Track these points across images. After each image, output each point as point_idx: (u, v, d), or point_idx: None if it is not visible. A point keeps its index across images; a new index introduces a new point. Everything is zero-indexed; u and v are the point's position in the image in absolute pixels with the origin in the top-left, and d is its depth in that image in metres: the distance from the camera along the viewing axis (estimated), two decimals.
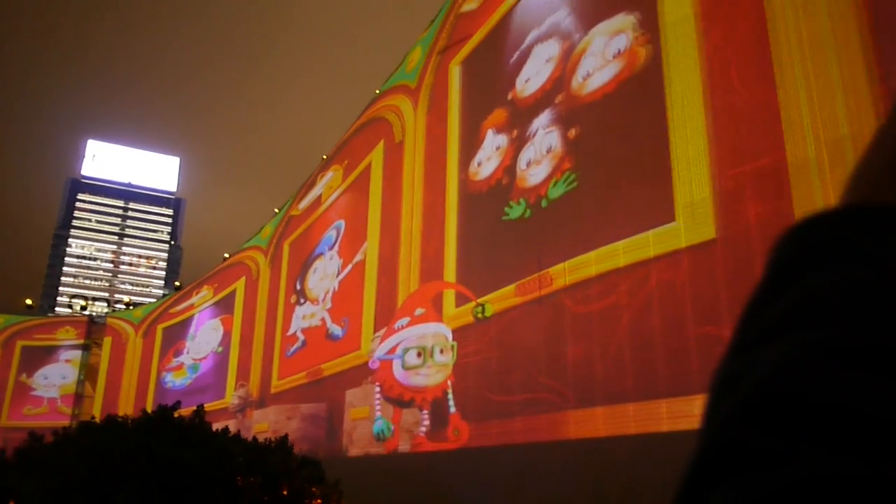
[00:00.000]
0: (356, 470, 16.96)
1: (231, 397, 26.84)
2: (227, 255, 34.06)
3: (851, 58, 8.36)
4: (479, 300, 15.67)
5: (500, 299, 14.18)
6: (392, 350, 19.00)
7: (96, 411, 37.59)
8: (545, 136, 13.62)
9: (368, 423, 18.99)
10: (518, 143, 14.38)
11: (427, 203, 17.35)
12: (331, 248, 22.65)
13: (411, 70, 19.15)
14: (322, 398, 21.33)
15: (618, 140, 11.91)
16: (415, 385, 18.02)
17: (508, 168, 14.58)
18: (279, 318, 25.00)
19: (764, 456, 0.33)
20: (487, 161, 15.41)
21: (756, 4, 9.71)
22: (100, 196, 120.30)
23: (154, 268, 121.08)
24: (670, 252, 10.29)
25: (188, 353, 34.42)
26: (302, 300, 23.74)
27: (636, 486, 11.45)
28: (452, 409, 16.63)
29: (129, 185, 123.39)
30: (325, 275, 22.67)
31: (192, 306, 35.18)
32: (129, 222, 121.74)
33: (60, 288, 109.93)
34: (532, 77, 14.49)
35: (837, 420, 0.33)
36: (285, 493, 11.05)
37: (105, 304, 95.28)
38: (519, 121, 14.54)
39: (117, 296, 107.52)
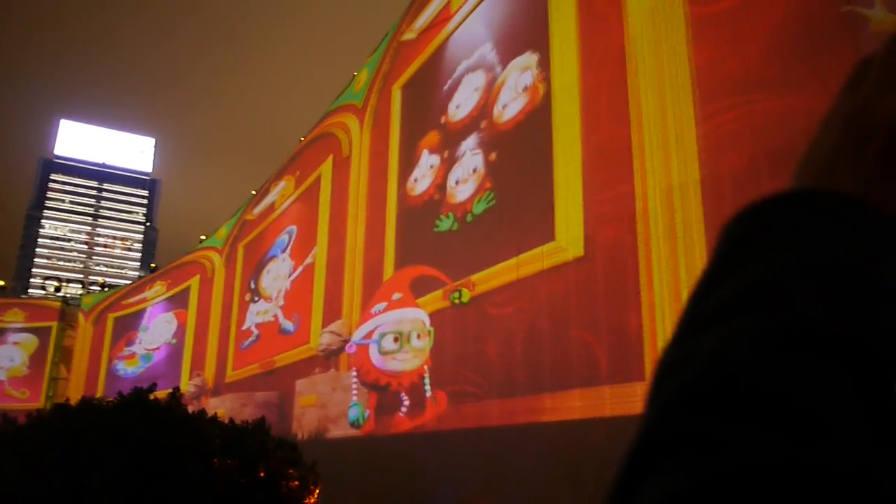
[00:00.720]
0: (333, 452, 17.04)
1: (187, 385, 27.72)
2: (203, 237, 34.00)
3: (684, 110, 10.21)
4: (456, 285, 15.84)
5: (431, 302, 16.05)
6: (369, 335, 19.04)
7: (44, 395, 37.99)
8: (471, 158, 15.32)
9: (315, 410, 19.98)
10: (448, 163, 16.05)
11: (370, 214, 19.12)
12: (283, 250, 24.56)
13: (358, 91, 20.97)
14: (274, 387, 22.90)
15: (523, 165, 13.69)
16: (391, 370, 18.09)
17: (440, 185, 16.26)
18: (234, 314, 27.07)
19: (701, 440, 0.33)
20: (422, 178, 17.04)
21: (619, 55, 11.44)
22: (73, 176, 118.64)
23: (129, 249, 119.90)
24: (556, 265, 12.12)
25: (140, 343, 35.94)
26: (256, 298, 25.72)
27: (611, 468, 11.57)
28: (429, 394, 16.74)
29: (104, 165, 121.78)
30: (277, 275, 24.64)
31: (144, 299, 36.77)
32: (104, 203, 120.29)
33: (34, 269, 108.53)
34: (462, 104, 16.10)
35: (774, 405, 0.32)
36: (262, 474, 11.07)
37: (80, 286, 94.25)
38: (449, 143, 16.19)
39: (92, 277, 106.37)
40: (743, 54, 9.67)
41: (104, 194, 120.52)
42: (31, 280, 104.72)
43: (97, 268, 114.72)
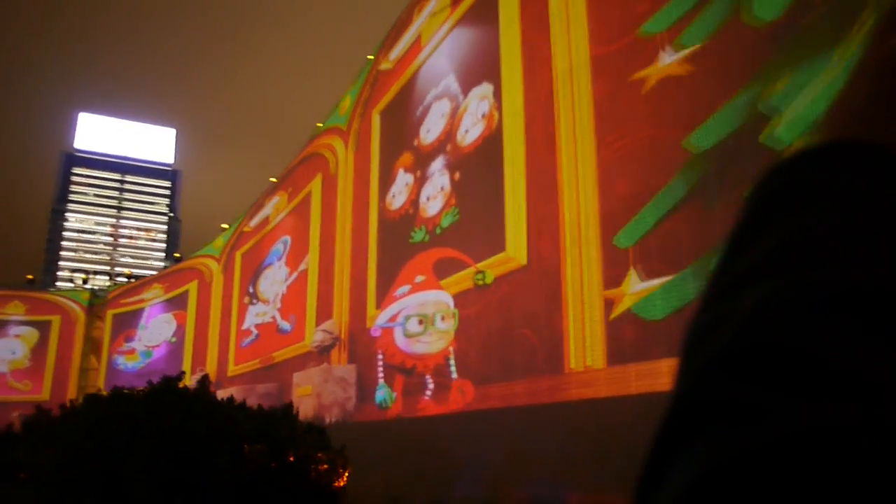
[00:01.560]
0: (361, 435, 17.19)
1: (190, 380, 31.23)
2: (225, 226, 34.57)
3: (587, 138, 12.36)
4: (479, 266, 16.03)
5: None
6: (393, 318, 19.13)
7: (46, 387, 38.97)
8: (439, 177, 17.28)
9: (311, 399, 21.40)
10: (420, 182, 18.07)
11: (355, 226, 21.34)
12: (279, 258, 27.34)
13: (343, 115, 23.29)
14: (273, 380, 25.47)
15: (481, 184, 15.60)
16: (416, 352, 18.18)
17: (414, 201, 18.30)
18: (234, 315, 30.26)
19: (742, 408, 0.31)
20: (399, 194, 19.06)
21: (549, 88, 13.47)
22: (95, 169, 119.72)
23: (153, 240, 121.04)
24: (505, 273, 14.32)
25: (140, 340, 38.96)
26: (255, 301, 28.74)
27: (638, 446, 11.57)
28: (454, 376, 16.81)
29: (125, 157, 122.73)
30: (274, 280, 27.43)
31: (142, 300, 39.74)
32: (127, 195, 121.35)
33: (61, 262, 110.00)
34: (431, 129, 18.04)
35: (816, 371, 0.31)
36: (291, 459, 11.20)
37: (106, 278, 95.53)
38: (421, 163, 18.17)
39: (118, 269, 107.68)
40: (632, 88, 11.43)
41: (127, 186, 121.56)
42: (59, 273, 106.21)
43: (123, 259, 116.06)
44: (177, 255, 48.17)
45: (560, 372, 12.51)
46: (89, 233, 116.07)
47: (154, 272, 50.01)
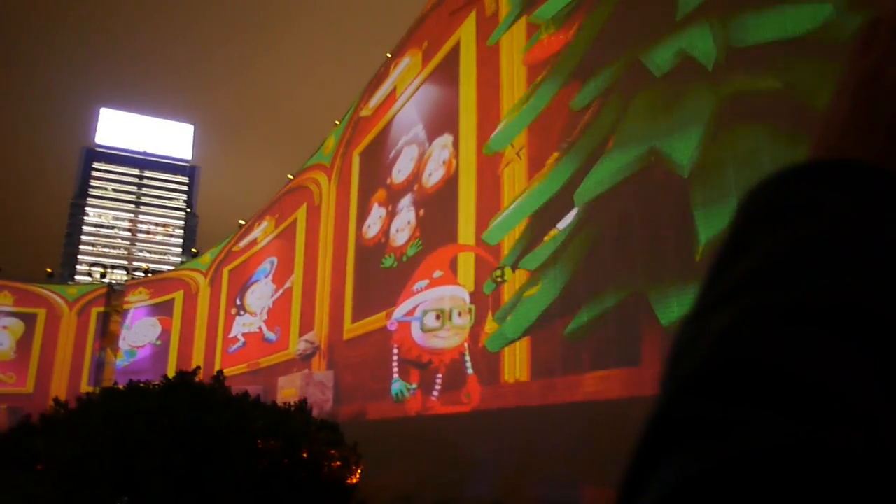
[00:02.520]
0: (374, 433, 17.19)
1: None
2: (242, 222, 34.91)
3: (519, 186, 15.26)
4: (499, 265, 16.15)
5: (376, 323, 20.34)
6: (411, 312, 19.15)
7: (30, 381, 39.48)
8: (407, 213, 19.77)
9: (294, 400, 23.44)
10: (391, 215, 20.61)
11: (335, 251, 24.10)
12: (266, 276, 30.55)
13: (327, 153, 26.48)
14: (259, 383, 27.35)
15: (440, 221, 18.05)
16: (433, 347, 18.18)
17: (385, 232, 20.81)
18: (220, 324, 33.66)
19: (713, 424, 0.32)
20: (373, 225, 21.68)
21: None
22: (115, 165, 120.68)
23: (171, 235, 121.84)
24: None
25: (125, 339, 40.86)
26: (242, 312, 31.96)
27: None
28: (470, 371, 16.79)
29: (144, 153, 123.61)
30: (261, 295, 30.58)
31: (128, 302, 41.73)
32: (145, 190, 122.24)
33: (79, 256, 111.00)
34: (401, 170, 20.58)
35: (785, 385, 0.31)
36: (305, 455, 11.21)
37: (124, 272, 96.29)
38: (392, 199, 20.75)
39: (136, 263, 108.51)
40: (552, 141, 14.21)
41: (145, 182, 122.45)
42: (77, 267, 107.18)
43: (140, 254, 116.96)
44: (194, 250, 48.41)
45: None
46: (108, 227, 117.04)
47: (171, 267, 50.50)
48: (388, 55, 22.73)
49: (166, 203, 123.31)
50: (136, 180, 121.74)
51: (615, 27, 13.12)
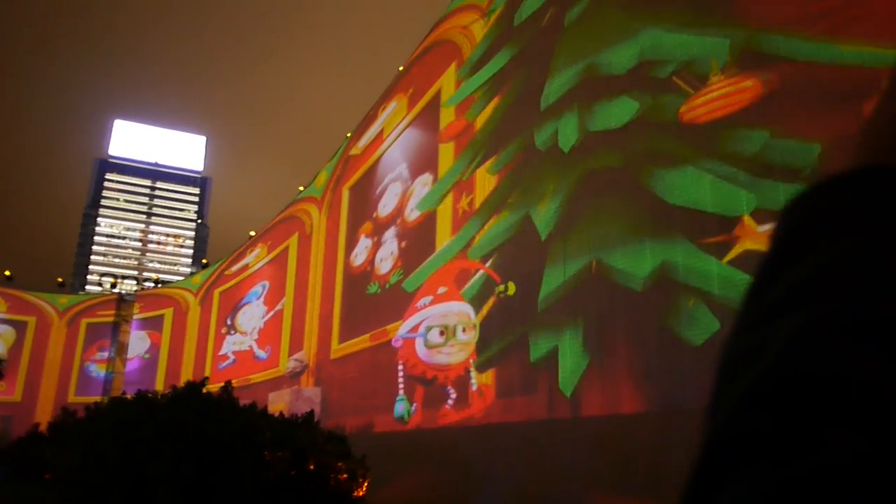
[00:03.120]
0: (381, 445, 17.21)
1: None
2: (252, 233, 35.25)
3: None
4: (502, 283, 16.27)
5: (360, 343, 21.81)
6: (415, 328, 19.20)
7: (18, 389, 39.65)
8: (391, 244, 21.43)
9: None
10: (377, 246, 22.33)
11: (325, 277, 26.00)
12: (258, 298, 32.57)
13: (319, 187, 28.73)
14: (250, 398, 28.32)
15: (420, 252, 19.49)
16: (437, 363, 18.20)
17: (371, 261, 22.52)
18: (210, 342, 35.79)
19: (781, 442, 0.30)
20: (360, 255, 23.41)
21: (467, 187, 17.76)
22: (127, 175, 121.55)
23: (182, 246, 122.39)
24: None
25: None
26: (232, 332, 34.11)
27: (663, 462, 11.60)
28: (475, 387, 16.80)
29: (156, 164, 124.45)
30: (252, 316, 32.59)
31: (120, 316, 42.93)
32: (157, 201, 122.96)
33: (91, 266, 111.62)
34: (387, 205, 22.32)
35: (858, 399, 0.30)
36: (312, 467, 11.25)
37: (134, 283, 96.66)
38: (378, 231, 22.48)
39: (146, 274, 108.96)
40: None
41: (157, 192, 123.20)
42: (88, 276, 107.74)
43: (151, 264, 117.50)
44: (204, 261, 48.58)
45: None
46: (119, 237, 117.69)
47: (181, 277, 50.78)
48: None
49: (177, 214, 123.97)
50: (147, 191, 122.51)
51: (515, 113, 16.17)
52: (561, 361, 13.84)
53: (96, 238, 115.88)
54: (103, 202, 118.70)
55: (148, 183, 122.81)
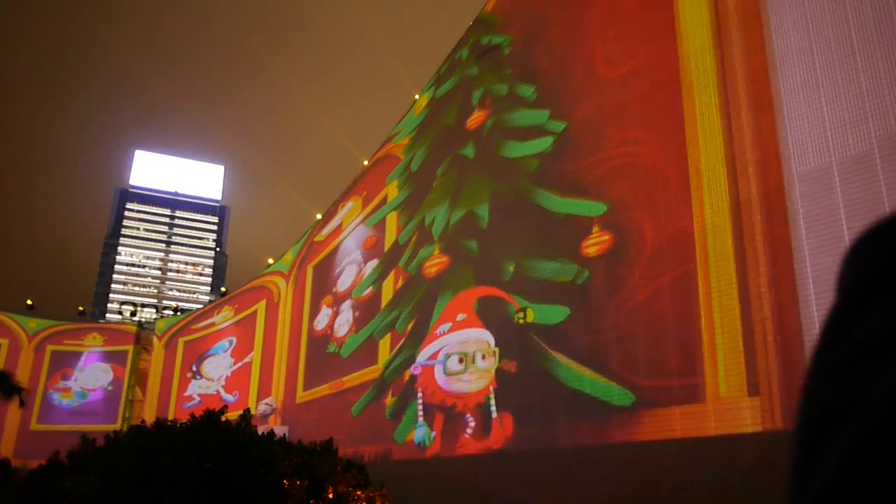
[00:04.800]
0: (401, 474, 17.06)
1: (126, 425, 37.49)
2: (270, 261, 35.63)
3: None
4: (520, 307, 16.28)
5: (322, 391, 26.21)
6: (434, 356, 19.10)
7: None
8: (347, 313, 26.31)
9: None
10: (336, 314, 27.16)
11: (291, 337, 30.65)
12: (224, 351, 36.91)
13: (286, 264, 33.54)
14: None
15: (368, 322, 24.21)
16: (457, 391, 18.08)
17: (331, 326, 27.16)
18: (175, 382, 39.12)
19: None
20: (322, 321, 28.18)
21: (400, 273, 23.72)
22: (147, 205, 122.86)
23: (200, 274, 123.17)
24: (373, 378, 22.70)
25: (76, 380, 42.29)
26: (198, 377, 37.94)
27: (683, 490, 11.38)
28: (494, 415, 16.65)
29: (176, 193, 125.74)
30: (219, 366, 36.88)
31: (81, 344, 43.46)
32: (176, 230, 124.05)
33: (111, 295, 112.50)
34: (344, 282, 27.23)
35: None
36: (331, 496, 11.15)
37: (154, 311, 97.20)
38: (337, 303, 27.32)
39: (165, 302, 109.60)
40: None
41: (176, 221, 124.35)
42: (109, 305, 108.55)
43: (170, 292, 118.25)
44: (223, 289, 48.84)
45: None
46: (139, 266, 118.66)
47: (200, 306, 51.06)
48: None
49: (196, 242, 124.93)
50: (167, 220, 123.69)
51: (411, 199, 23.57)
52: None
53: (116, 267, 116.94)
54: (123, 231, 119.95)
55: (167, 212, 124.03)
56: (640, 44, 15.11)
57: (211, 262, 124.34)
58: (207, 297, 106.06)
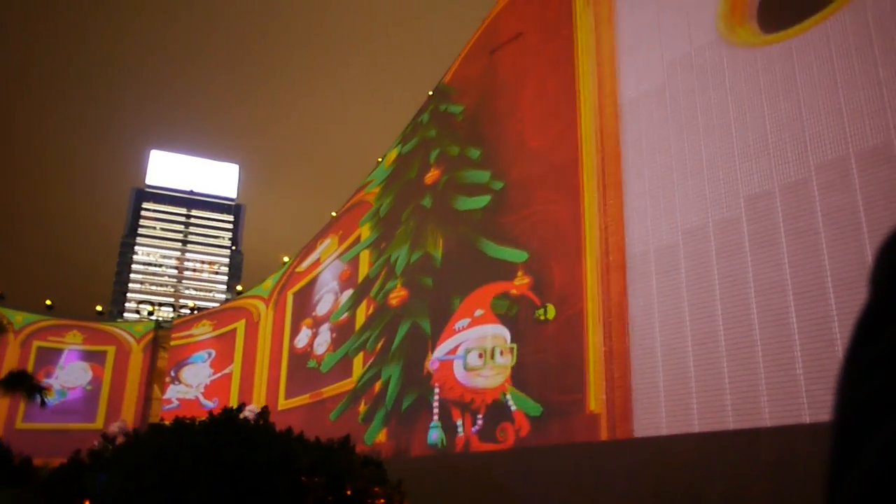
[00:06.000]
0: (418, 470, 17.10)
1: (108, 425, 38.65)
2: (286, 259, 35.84)
3: None
4: (541, 306, 16.34)
5: (303, 400, 29.19)
6: (453, 350, 19.11)
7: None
8: (326, 334, 29.60)
9: None
10: (315, 335, 30.51)
11: (272, 353, 34.04)
12: (203, 362, 39.51)
13: (266, 290, 37.14)
14: None
15: (344, 342, 27.78)
16: (476, 386, 18.09)
17: (311, 345, 30.52)
18: (154, 386, 41.53)
19: None
20: (302, 340, 31.47)
21: (370, 303, 27.53)
22: (163, 204, 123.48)
23: (217, 273, 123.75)
24: (347, 390, 26.26)
25: (57, 378, 43.06)
26: (177, 382, 40.52)
27: (699, 484, 11.36)
28: (513, 408, 16.66)
29: (191, 192, 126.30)
30: (198, 374, 39.49)
31: (63, 341, 44.29)
32: (192, 229, 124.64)
33: (128, 294, 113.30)
34: (323, 308, 30.56)
35: None
36: (349, 492, 11.20)
37: (171, 309, 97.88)
38: (317, 325, 30.60)
39: (182, 300, 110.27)
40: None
41: (192, 220, 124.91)
42: (126, 304, 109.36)
43: (187, 291, 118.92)
44: (239, 287, 49.06)
45: None
46: (156, 265, 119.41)
47: (216, 304, 51.45)
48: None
49: (212, 241, 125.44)
50: (183, 219, 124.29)
51: (380, 239, 27.54)
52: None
53: (133, 266, 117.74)
54: (140, 230, 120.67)
55: (183, 211, 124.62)
56: (554, 123, 18.98)
57: (227, 260, 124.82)
58: (224, 296, 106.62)
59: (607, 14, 18.01)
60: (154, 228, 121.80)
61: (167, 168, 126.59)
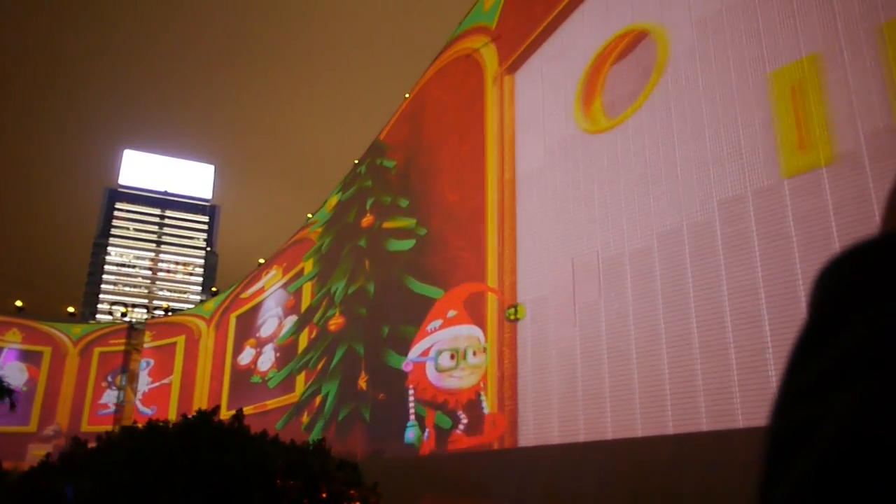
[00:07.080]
0: (393, 471, 17.09)
1: (42, 428, 41.35)
2: (261, 261, 35.73)
3: None
4: (512, 305, 16.36)
5: (248, 410, 27.49)
6: (425, 352, 19.14)
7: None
8: (269, 353, 32.84)
9: None
10: (259, 354, 33.83)
11: (213, 370, 37.12)
12: (142, 370, 41.57)
13: (207, 311, 40.26)
14: None
15: (286, 361, 31.00)
16: (448, 387, 18.12)
17: (255, 363, 33.80)
18: (89, 390, 42.30)
19: None
20: (246, 358, 34.61)
21: (313, 328, 30.86)
22: (137, 204, 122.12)
23: (191, 274, 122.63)
24: (291, 402, 29.69)
25: None
26: (113, 387, 42.16)
27: (674, 487, 11.52)
28: (486, 411, 16.70)
29: (166, 193, 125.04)
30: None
31: (2, 340, 43.95)
32: (166, 230, 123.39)
33: (101, 295, 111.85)
34: (267, 330, 33.82)
35: None
36: (324, 495, 11.17)
37: (144, 311, 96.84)
38: (260, 345, 33.90)
39: (156, 302, 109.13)
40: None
41: (166, 221, 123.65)
42: (99, 306, 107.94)
43: (161, 292, 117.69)
44: (214, 289, 48.74)
45: None
46: (129, 266, 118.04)
47: (191, 305, 51.09)
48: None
49: (187, 242, 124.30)
50: (157, 220, 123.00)
51: (322, 273, 30.57)
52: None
53: (106, 267, 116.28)
54: (113, 231, 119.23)
55: (157, 212, 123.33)
56: (468, 179, 21.86)
57: (202, 261, 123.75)
58: (198, 297, 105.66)
59: (510, 92, 21.14)
60: (127, 229, 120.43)
61: (141, 168, 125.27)
